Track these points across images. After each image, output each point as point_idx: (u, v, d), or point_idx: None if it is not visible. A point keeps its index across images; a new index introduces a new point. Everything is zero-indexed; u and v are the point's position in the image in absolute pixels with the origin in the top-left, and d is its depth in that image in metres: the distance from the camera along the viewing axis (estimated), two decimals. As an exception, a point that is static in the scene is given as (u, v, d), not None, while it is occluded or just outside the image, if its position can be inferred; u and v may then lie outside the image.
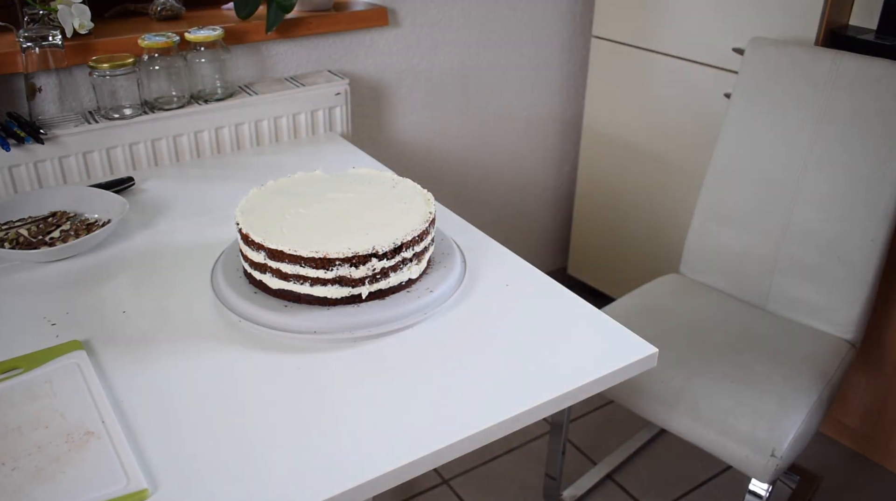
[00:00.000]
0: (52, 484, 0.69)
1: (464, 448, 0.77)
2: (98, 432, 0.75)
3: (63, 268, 1.06)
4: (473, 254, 1.07)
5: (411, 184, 1.06)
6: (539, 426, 1.89)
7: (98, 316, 0.95)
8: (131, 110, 1.36)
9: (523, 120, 2.03)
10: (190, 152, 1.43)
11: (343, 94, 1.56)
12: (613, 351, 0.89)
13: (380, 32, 1.69)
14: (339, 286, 0.90)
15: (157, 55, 1.36)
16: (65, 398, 0.79)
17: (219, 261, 1.01)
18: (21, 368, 0.84)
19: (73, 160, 1.32)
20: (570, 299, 0.99)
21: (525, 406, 0.80)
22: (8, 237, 1.08)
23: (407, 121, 1.83)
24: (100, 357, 0.87)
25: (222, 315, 0.94)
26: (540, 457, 1.80)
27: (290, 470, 0.72)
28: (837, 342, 1.42)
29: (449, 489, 1.70)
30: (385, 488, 0.73)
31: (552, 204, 2.23)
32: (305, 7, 1.58)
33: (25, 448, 0.73)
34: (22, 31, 1.25)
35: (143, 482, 0.69)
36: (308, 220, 0.96)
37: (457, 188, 2.01)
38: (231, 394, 0.82)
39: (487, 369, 0.86)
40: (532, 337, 0.91)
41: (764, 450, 1.19)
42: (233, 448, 0.74)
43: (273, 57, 1.57)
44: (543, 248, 2.30)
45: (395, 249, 0.91)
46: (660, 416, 1.30)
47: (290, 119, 1.52)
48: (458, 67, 1.84)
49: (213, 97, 1.44)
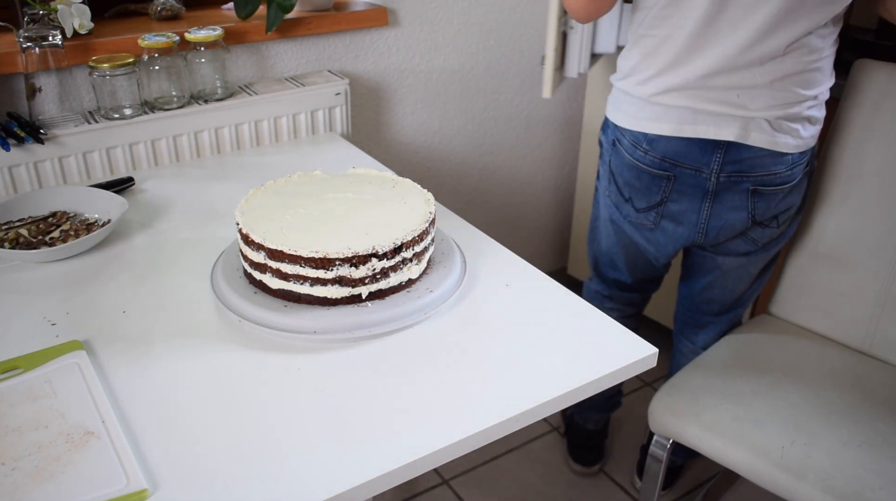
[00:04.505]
0: (52, 484, 0.69)
1: (464, 448, 0.77)
2: (98, 432, 0.75)
3: (63, 268, 1.06)
4: (473, 254, 1.07)
5: (411, 184, 1.06)
6: (539, 426, 1.89)
7: (98, 316, 0.95)
8: (131, 110, 1.36)
9: (523, 120, 2.03)
10: (190, 152, 1.43)
11: (343, 94, 1.56)
12: (613, 351, 0.89)
13: (380, 32, 1.69)
14: (339, 286, 0.90)
15: (157, 55, 1.35)
16: (65, 398, 0.79)
17: (219, 261, 1.01)
18: (21, 368, 0.84)
19: (73, 160, 1.32)
20: (570, 299, 0.99)
21: (525, 406, 0.80)
22: (8, 237, 1.08)
23: (407, 121, 1.83)
24: (100, 357, 0.87)
25: (222, 315, 0.94)
26: (540, 457, 1.80)
27: (290, 470, 0.72)
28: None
29: (449, 489, 1.70)
30: (385, 488, 0.73)
31: (552, 204, 2.23)
32: (305, 7, 1.58)
33: (25, 448, 0.73)
34: (22, 31, 1.25)
35: (143, 482, 0.69)
36: (308, 220, 0.96)
37: (457, 188, 2.01)
38: (231, 394, 0.82)
39: (487, 369, 0.86)
40: (532, 337, 0.91)
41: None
42: (233, 448, 0.74)
43: (273, 57, 1.57)
44: (543, 248, 2.30)
45: (395, 249, 0.91)
46: (784, 487, 1.16)
47: (290, 119, 1.52)
48: (458, 67, 1.84)
49: (213, 97, 1.44)
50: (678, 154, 1.24)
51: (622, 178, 1.34)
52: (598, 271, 1.57)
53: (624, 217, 1.38)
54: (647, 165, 1.28)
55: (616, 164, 1.34)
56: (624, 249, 1.45)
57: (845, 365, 1.36)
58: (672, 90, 1.22)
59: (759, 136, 1.20)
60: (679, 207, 1.30)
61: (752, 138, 1.20)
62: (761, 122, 1.19)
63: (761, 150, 1.21)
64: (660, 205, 1.31)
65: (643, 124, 1.26)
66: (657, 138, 1.25)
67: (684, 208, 1.30)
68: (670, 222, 1.32)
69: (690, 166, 1.25)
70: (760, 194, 1.25)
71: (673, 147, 1.24)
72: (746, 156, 1.22)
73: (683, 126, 1.22)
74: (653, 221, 1.34)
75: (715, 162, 1.23)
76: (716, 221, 1.29)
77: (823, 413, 1.23)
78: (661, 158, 1.26)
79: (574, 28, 1.48)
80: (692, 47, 1.18)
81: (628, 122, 1.28)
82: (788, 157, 1.22)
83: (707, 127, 1.21)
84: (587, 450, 1.75)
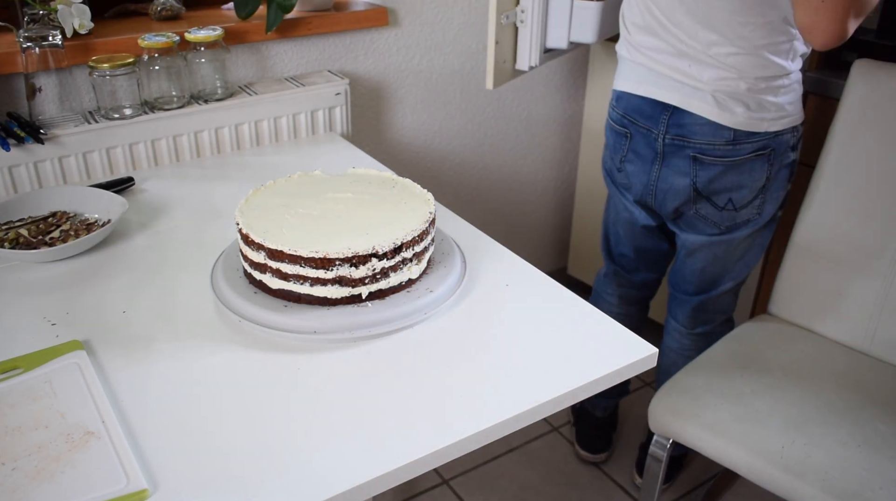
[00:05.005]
0: (52, 484, 0.69)
1: (464, 448, 0.77)
2: (98, 432, 0.75)
3: (63, 268, 1.06)
4: (473, 254, 1.07)
5: (411, 184, 1.06)
6: (539, 426, 1.89)
7: (98, 316, 0.95)
8: (131, 110, 1.36)
9: (523, 120, 2.03)
10: (190, 152, 1.43)
11: (343, 94, 1.56)
12: (613, 351, 0.89)
13: (380, 32, 1.69)
14: (339, 286, 0.90)
15: (157, 55, 1.35)
16: (65, 398, 0.79)
17: (219, 261, 1.01)
18: (21, 368, 0.84)
19: (73, 160, 1.32)
20: (570, 299, 0.99)
21: (525, 406, 0.80)
22: (8, 237, 1.08)
23: (407, 121, 1.83)
24: (100, 357, 0.87)
25: (222, 315, 0.94)
26: (540, 457, 1.80)
27: (291, 470, 0.72)
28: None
29: (449, 489, 1.70)
30: (385, 488, 0.73)
31: (552, 204, 2.23)
32: (305, 7, 1.58)
33: (25, 448, 0.73)
34: (22, 31, 1.25)
35: (143, 482, 0.69)
36: (308, 220, 0.96)
37: (457, 188, 2.01)
38: (231, 394, 0.82)
39: (487, 369, 0.86)
40: (532, 337, 0.91)
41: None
42: (233, 447, 0.74)
43: (273, 57, 1.57)
44: (543, 248, 2.30)
45: (395, 249, 0.91)
46: (784, 487, 1.16)
47: (290, 119, 1.52)
48: (458, 67, 1.84)
49: (213, 97, 1.44)
50: (634, 112, 1.36)
51: (608, 140, 1.47)
52: (608, 249, 1.65)
53: (613, 181, 1.50)
54: (615, 122, 1.42)
55: (606, 127, 1.47)
56: (617, 215, 1.55)
57: (845, 365, 1.36)
58: (635, 46, 1.33)
59: (700, 105, 1.28)
60: (634, 167, 1.40)
61: (694, 106, 1.28)
62: (705, 93, 1.27)
63: (701, 118, 1.28)
64: (622, 162, 1.43)
65: (618, 83, 1.40)
66: (622, 94, 1.38)
67: (638, 167, 1.40)
68: (628, 178, 1.43)
69: (643, 125, 1.35)
70: (701, 163, 1.32)
71: (632, 104, 1.36)
72: (688, 121, 1.29)
73: (640, 84, 1.33)
74: (623, 182, 1.45)
75: (662, 122, 1.32)
76: (662, 183, 1.37)
77: (823, 413, 1.23)
78: (623, 114, 1.38)
79: (524, 23, 1.51)
80: (661, 20, 1.28)
81: (614, 83, 1.42)
82: (730, 131, 1.28)
83: (657, 89, 1.31)
84: (595, 438, 1.78)
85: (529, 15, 1.50)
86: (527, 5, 1.50)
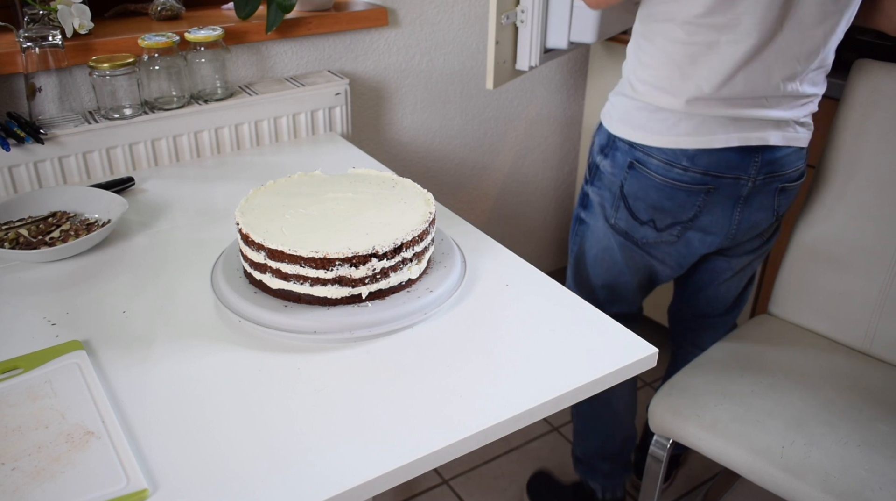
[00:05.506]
0: (52, 484, 0.69)
1: (464, 448, 0.77)
2: (98, 432, 0.75)
3: (63, 268, 1.06)
4: (473, 254, 1.07)
5: (411, 184, 1.06)
6: (539, 426, 1.89)
7: (98, 316, 0.95)
8: (131, 110, 1.36)
9: (523, 120, 2.03)
10: (190, 152, 1.43)
11: (343, 94, 1.56)
12: (613, 351, 0.89)
13: (380, 32, 1.69)
14: (339, 286, 0.90)
15: (157, 55, 1.35)
16: (65, 398, 0.79)
17: (219, 261, 1.01)
18: (21, 368, 0.84)
19: (73, 160, 1.32)
20: (570, 300, 0.99)
21: (525, 406, 0.80)
22: (8, 237, 1.08)
23: (407, 121, 1.83)
24: (100, 357, 0.87)
25: (222, 315, 0.94)
26: (540, 457, 1.80)
27: (291, 470, 0.72)
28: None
29: (449, 489, 1.70)
30: (385, 488, 0.73)
31: (552, 204, 2.23)
32: (305, 7, 1.58)
33: (25, 448, 0.73)
34: (22, 31, 1.25)
35: (143, 482, 0.69)
36: (308, 220, 0.96)
37: (457, 188, 2.01)
38: (231, 394, 0.82)
39: (487, 369, 0.86)
40: (532, 337, 0.91)
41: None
42: (233, 447, 0.74)
43: (273, 57, 1.57)
44: (543, 248, 2.30)
45: (395, 249, 0.91)
46: (784, 487, 1.15)
47: (290, 119, 1.52)
48: (458, 67, 1.84)
49: (213, 97, 1.44)
50: (720, 165, 1.20)
51: (644, 201, 1.25)
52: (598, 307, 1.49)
53: (636, 242, 1.30)
54: (686, 182, 1.21)
55: (635, 187, 1.25)
56: (634, 275, 1.36)
57: (845, 365, 1.36)
58: (710, 99, 1.16)
59: (788, 134, 1.21)
60: (712, 218, 1.25)
61: (784, 138, 1.21)
62: (788, 121, 1.21)
63: (788, 147, 1.22)
64: (692, 220, 1.25)
65: (681, 140, 1.19)
66: (698, 153, 1.19)
67: (716, 217, 1.25)
68: (698, 232, 1.27)
69: (731, 176, 1.21)
70: (785, 191, 1.27)
71: (716, 159, 1.19)
72: (779, 155, 1.22)
73: (729, 136, 1.18)
74: (676, 235, 1.28)
75: (753, 166, 1.20)
76: (745, 223, 1.28)
77: (823, 413, 1.23)
78: (704, 172, 1.20)
79: (525, 23, 1.51)
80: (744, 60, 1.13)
81: (658, 139, 1.20)
82: (804, 150, 1.26)
83: (749, 133, 1.18)
84: None
85: (529, 15, 1.50)
86: (527, 5, 1.50)
